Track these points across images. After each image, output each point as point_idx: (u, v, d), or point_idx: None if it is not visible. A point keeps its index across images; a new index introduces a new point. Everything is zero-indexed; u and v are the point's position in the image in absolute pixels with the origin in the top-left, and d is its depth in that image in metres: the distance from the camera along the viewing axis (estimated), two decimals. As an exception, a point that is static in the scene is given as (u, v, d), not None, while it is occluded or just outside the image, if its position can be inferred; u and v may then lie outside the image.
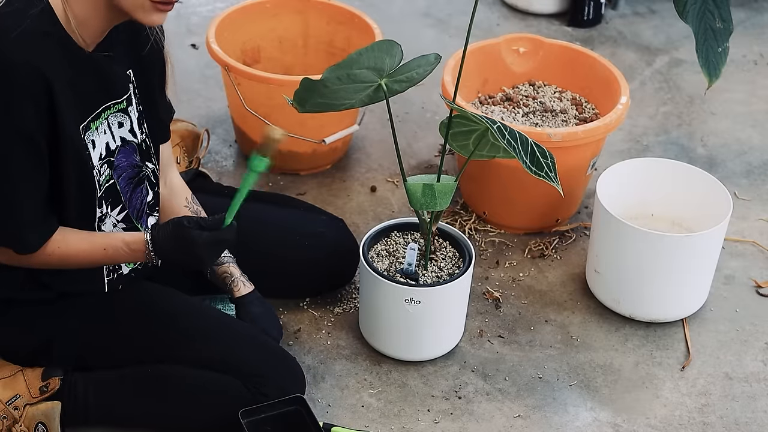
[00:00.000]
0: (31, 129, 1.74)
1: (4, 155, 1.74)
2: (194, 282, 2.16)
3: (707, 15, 2.36)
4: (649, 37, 3.49)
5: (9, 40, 1.69)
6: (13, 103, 1.71)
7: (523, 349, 2.30)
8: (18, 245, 1.83)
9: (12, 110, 1.71)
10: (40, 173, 1.79)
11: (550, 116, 2.63)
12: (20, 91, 1.70)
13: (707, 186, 2.39)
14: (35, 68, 1.70)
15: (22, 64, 1.69)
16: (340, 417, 2.11)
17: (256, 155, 1.88)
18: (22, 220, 1.80)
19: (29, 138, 1.75)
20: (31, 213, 1.81)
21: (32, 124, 1.74)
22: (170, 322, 2.00)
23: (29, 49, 1.70)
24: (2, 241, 1.84)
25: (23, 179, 1.78)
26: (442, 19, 3.56)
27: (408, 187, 2.06)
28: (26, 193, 1.79)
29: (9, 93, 1.70)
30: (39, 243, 1.84)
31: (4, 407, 1.95)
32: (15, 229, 1.81)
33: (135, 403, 1.99)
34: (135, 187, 1.96)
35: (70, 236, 1.87)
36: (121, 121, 1.91)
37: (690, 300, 2.36)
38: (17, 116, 1.72)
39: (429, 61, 1.97)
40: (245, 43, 2.82)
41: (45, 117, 1.75)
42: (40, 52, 1.71)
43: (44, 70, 1.71)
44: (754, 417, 2.16)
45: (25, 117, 1.72)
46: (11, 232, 1.82)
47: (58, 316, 1.97)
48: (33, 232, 1.83)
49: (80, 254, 1.88)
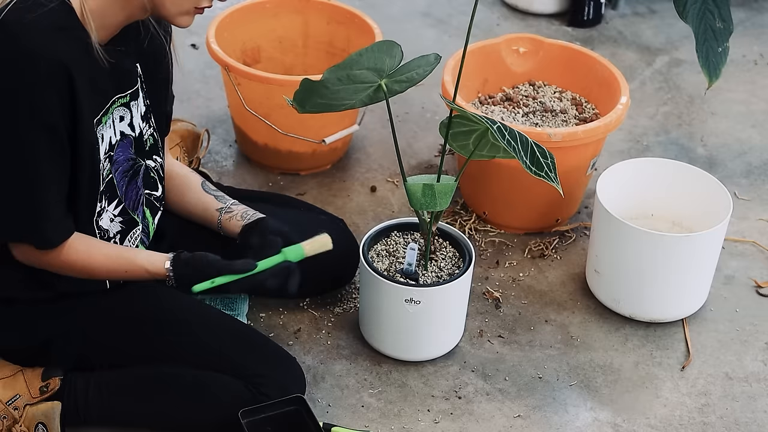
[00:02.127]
0: (56, 121, 1.75)
1: (29, 146, 1.74)
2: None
3: (707, 15, 2.36)
4: (649, 37, 3.49)
5: (31, 33, 1.70)
6: (38, 94, 1.71)
7: (523, 349, 2.30)
8: (38, 239, 1.83)
9: (36, 102, 1.71)
10: (63, 167, 1.80)
11: (550, 116, 2.63)
12: (45, 83, 1.71)
13: (707, 186, 2.39)
14: (58, 61, 1.71)
15: (47, 56, 1.70)
16: (340, 417, 2.12)
17: (301, 249, 1.96)
18: (43, 214, 1.80)
19: (53, 130, 1.75)
20: (52, 207, 1.81)
21: (56, 117, 1.74)
22: (172, 322, 2.00)
23: (51, 42, 1.71)
24: (22, 235, 1.83)
25: (46, 172, 1.78)
26: (442, 19, 3.56)
27: (408, 187, 2.06)
28: (49, 186, 1.79)
29: (34, 84, 1.71)
30: (59, 239, 1.84)
31: (4, 407, 1.95)
32: (36, 222, 1.80)
33: (135, 403, 1.99)
34: (130, 180, 1.97)
35: (94, 248, 1.89)
36: (123, 114, 1.92)
37: (690, 300, 2.36)
38: (43, 108, 1.72)
39: (429, 61, 1.97)
40: (245, 43, 2.82)
41: (67, 110, 1.76)
42: (61, 45, 1.72)
43: (67, 63, 1.72)
44: (754, 417, 2.16)
45: (51, 109, 1.73)
46: (32, 226, 1.81)
47: (59, 316, 1.97)
48: (54, 227, 1.83)
49: (101, 268, 1.90)
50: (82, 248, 1.87)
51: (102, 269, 1.90)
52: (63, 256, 1.86)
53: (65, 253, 1.86)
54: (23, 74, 1.70)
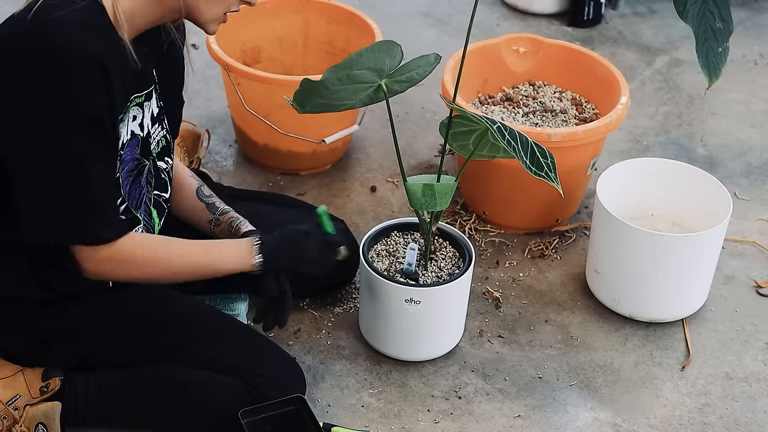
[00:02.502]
0: (99, 114, 1.75)
1: (73, 141, 1.74)
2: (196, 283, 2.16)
3: (707, 15, 2.36)
4: (649, 37, 3.49)
5: (66, 29, 1.70)
6: (83, 88, 1.72)
7: (523, 349, 2.30)
8: (103, 231, 1.82)
9: (79, 95, 1.72)
10: (114, 162, 1.81)
11: (550, 116, 2.63)
12: (85, 77, 1.72)
13: (707, 186, 2.39)
14: (95, 55, 1.72)
15: (83, 51, 1.70)
16: (340, 417, 2.12)
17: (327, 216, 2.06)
18: (103, 210, 1.81)
19: (98, 123, 1.76)
20: (108, 202, 1.82)
21: (102, 112, 1.76)
22: (171, 323, 2.00)
23: (86, 38, 1.71)
24: (84, 235, 1.82)
25: (101, 169, 1.79)
26: (442, 19, 3.56)
27: (408, 187, 2.06)
28: (99, 181, 1.79)
29: (81, 78, 1.71)
30: (119, 232, 1.83)
31: (4, 407, 1.95)
32: (94, 217, 1.80)
33: (135, 403, 1.99)
34: (134, 180, 1.97)
35: (157, 241, 1.91)
36: (136, 114, 1.92)
37: (690, 300, 2.36)
38: (89, 103, 1.73)
39: (429, 61, 1.97)
40: (245, 43, 2.83)
41: (107, 104, 1.76)
42: (95, 40, 1.73)
43: (102, 57, 1.73)
44: (754, 417, 2.16)
45: (96, 104, 1.74)
46: (90, 221, 1.81)
47: (60, 316, 1.96)
48: (111, 222, 1.83)
49: (181, 260, 1.91)
50: (143, 240, 1.89)
51: (183, 262, 1.92)
52: (127, 248, 1.86)
53: (128, 245, 1.86)
54: (63, 69, 1.70)
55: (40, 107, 1.72)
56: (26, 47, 1.71)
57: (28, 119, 1.73)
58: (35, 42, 1.70)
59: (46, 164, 1.76)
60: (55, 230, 1.82)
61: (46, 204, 1.79)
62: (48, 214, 1.80)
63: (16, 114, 1.74)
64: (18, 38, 1.72)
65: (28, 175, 1.77)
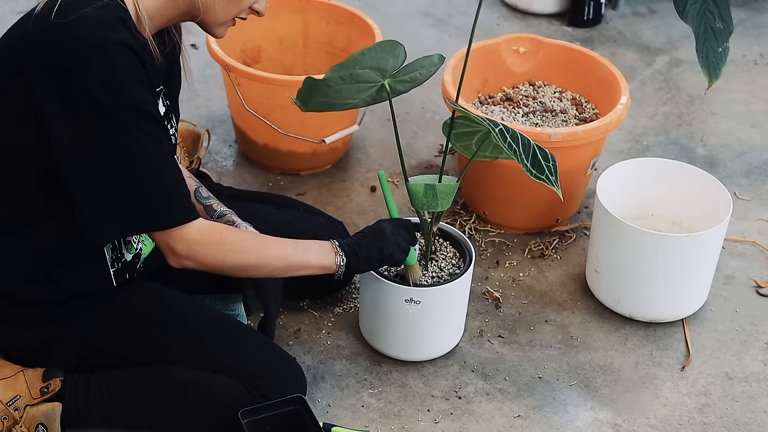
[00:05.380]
0: (150, 100, 1.78)
1: (129, 131, 1.75)
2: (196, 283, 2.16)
3: (707, 15, 2.36)
4: (649, 37, 3.49)
5: (98, 26, 1.71)
6: (130, 80, 1.73)
7: (523, 349, 2.30)
8: (179, 215, 1.83)
9: (125, 87, 1.73)
10: (168, 149, 1.83)
11: (550, 116, 2.63)
12: (134, 68, 1.74)
13: (707, 186, 2.39)
14: (132, 48, 1.73)
15: (124, 45, 1.72)
16: (340, 417, 2.12)
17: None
18: (180, 194, 1.83)
19: (154, 114, 1.78)
20: (181, 186, 1.84)
21: (150, 97, 1.79)
22: (172, 323, 2.00)
23: (117, 33, 1.72)
24: (176, 217, 1.83)
25: (168, 155, 1.82)
26: (442, 19, 3.56)
27: (410, 187, 2.06)
28: (164, 167, 1.81)
29: (131, 71, 1.73)
30: (190, 216, 1.84)
31: (4, 408, 1.95)
32: (181, 203, 1.83)
33: (136, 404, 1.99)
34: None
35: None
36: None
37: (690, 300, 2.36)
38: (139, 94, 1.75)
39: (433, 61, 1.96)
40: (245, 43, 2.82)
41: (149, 93, 1.79)
42: (127, 35, 1.74)
43: (137, 51, 1.75)
44: (754, 417, 2.16)
45: (143, 89, 1.76)
46: (181, 207, 1.83)
47: (61, 317, 1.96)
48: (184, 206, 1.85)
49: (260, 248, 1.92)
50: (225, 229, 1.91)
51: (278, 253, 1.93)
52: (215, 230, 1.87)
53: (217, 229, 1.88)
54: (103, 61, 1.71)
55: (97, 102, 1.72)
56: (60, 43, 1.71)
57: (87, 117, 1.73)
58: (68, 37, 1.70)
59: (116, 158, 1.76)
60: (144, 220, 1.82)
61: (126, 197, 1.79)
62: (128, 206, 1.80)
63: (71, 114, 1.73)
64: (49, 36, 1.72)
65: (99, 172, 1.77)
